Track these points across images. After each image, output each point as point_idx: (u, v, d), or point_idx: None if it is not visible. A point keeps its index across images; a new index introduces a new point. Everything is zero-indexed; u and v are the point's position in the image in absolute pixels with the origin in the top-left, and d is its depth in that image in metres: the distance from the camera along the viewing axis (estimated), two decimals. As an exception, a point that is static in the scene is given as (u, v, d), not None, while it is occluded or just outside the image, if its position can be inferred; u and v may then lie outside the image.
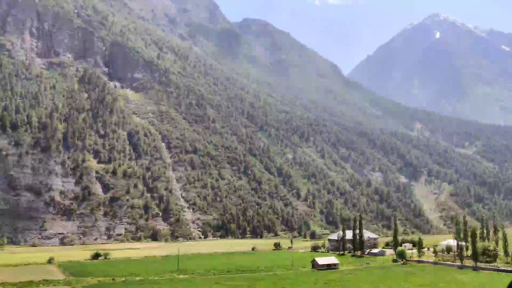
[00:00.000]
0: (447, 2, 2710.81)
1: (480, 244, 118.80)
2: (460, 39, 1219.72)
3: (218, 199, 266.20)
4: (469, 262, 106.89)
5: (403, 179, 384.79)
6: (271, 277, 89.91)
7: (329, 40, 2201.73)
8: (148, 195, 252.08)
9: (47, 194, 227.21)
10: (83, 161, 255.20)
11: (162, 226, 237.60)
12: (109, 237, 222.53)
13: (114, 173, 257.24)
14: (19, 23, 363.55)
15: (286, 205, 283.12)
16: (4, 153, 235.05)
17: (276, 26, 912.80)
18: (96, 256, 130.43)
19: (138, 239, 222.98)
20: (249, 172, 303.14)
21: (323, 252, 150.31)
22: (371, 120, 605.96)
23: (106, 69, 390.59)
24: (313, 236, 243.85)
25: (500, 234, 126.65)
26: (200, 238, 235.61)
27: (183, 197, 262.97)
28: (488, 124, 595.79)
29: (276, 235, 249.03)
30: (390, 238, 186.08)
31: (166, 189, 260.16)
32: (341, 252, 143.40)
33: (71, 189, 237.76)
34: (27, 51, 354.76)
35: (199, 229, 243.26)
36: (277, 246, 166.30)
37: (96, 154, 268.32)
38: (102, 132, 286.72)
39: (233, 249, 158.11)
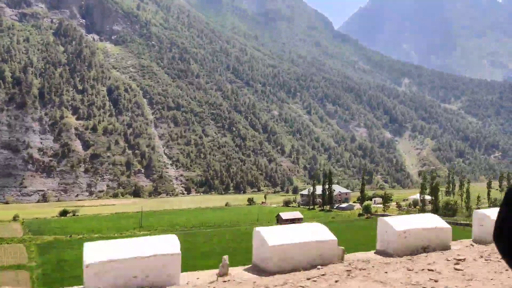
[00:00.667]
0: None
1: (445, 198, 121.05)
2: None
3: (202, 155, 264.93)
4: None
5: (387, 135, 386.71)
6: (233, 232, 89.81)
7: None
8: (130, 152, 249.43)
9: (25, 151, 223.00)
10: (61, 117, 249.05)
11: (145, 182, 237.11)
12: (91, 193, 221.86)
13: (94, 129, 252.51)
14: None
15: (270, 161, 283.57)
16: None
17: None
18: (64, 213, 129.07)
19: (119, 196, 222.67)
20: (234, 129, 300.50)
21: (294, 206, 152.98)
22: (360, 74, 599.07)
23: (83, 21, 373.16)
24: (295, 191, 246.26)
25: (464, 189, 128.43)
26: (183, 194, 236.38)
27: (166, 154, 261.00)
28: (475, 79, 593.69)
29: (259, 190, 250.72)
30: (365, 193, 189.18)
31: (148, 146, 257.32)
32: (310, 207, 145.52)
33: (50, 146, 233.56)
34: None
35: (182, 185, 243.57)
36: (250, 201, 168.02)
37: (74, 110, 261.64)
38: (80, 87, 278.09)
39: (208, 204, 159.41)
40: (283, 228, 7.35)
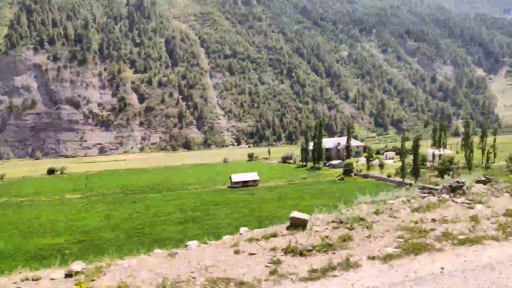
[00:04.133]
0: None
1: (451, 155, 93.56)
2: None
3: (256, 105, 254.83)
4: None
5: (479, 72, 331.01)
6: (167, 195, 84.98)
7: None
8: (183, 103, 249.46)
9: (85, 107, 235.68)
10: (119, 72, 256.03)
11: (195, 134, 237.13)
12: (144, 146, 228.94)
13: (149, 82, 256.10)
14: None
15: (330, 108, 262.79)
16: (44, 68, 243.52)
17: None
18: (51, 171, 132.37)
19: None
20: (293, 74, 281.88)
21: (291, 163, 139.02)
22: (458, 4, 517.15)
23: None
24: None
25: (486, 141, 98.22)
26: (232, 145, 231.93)
27: (219, 105, 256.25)
28: None
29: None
30: (394, 144, 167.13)
31: (201, 97, 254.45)
32: (303, 163, 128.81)
33: (108, 101, 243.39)
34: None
35: (233, 136, 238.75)
36: (251, 156, 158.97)
37: (132, 63, 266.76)
38: (138, 40, 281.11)
39: (210, 160, 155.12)
40: None
